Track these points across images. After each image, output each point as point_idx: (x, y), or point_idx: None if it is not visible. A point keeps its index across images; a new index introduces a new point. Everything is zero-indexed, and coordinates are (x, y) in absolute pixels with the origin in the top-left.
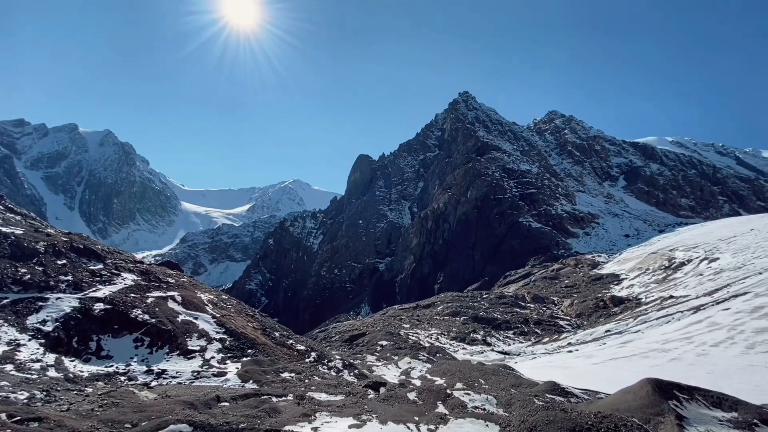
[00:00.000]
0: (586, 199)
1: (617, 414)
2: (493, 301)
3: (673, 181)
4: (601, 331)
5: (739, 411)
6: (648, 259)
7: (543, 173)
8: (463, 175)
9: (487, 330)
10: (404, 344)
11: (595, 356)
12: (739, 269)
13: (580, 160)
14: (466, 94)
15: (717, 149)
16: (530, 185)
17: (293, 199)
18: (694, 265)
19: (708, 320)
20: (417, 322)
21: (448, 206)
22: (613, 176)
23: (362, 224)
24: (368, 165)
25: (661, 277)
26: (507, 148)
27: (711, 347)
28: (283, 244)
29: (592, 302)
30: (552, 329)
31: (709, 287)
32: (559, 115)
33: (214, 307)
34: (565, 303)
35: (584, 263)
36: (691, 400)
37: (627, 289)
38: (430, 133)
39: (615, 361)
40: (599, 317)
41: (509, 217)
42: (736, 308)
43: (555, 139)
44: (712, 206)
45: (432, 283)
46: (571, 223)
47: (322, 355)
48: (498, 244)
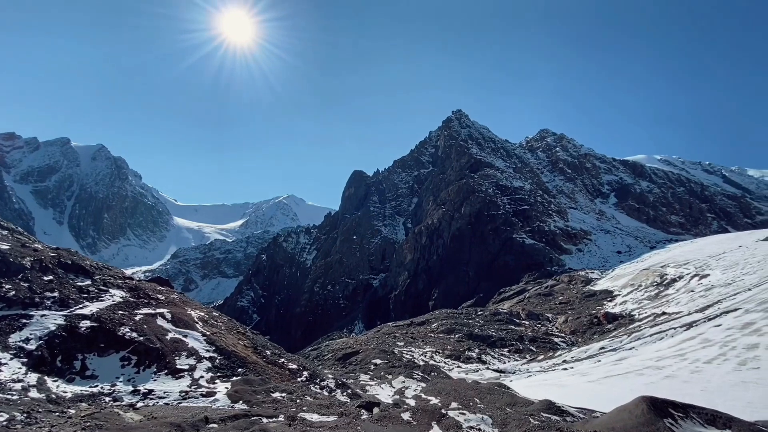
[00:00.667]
0: (579, 215)
1: None
2: (487, 318)
3: (662, 199)
4: (596, 348)
5: (733, 428)
6: (640, 276)
7: (536, 190)
8: (456, 192)
9: (482, 348)
10: (398, 363)
11: (590, 374)
12: (729, 285)
13: (571, 178)
14: (459, 112)
15: (704, 167)
16: (523, 202)
17: (287, 214)
18: (685, 281)
19: (700, 337)
20: (411, 339)
21: (442, 222)
22: (604, 193)
23: (356, 240)
24: (363, 181)
25: (653, 294)
26: (500, 165)
27: (704, 364)
28: (276, 259)
29: (586, 319)
30: (547, 346)
31: (700, 303)
32: (551, 133)
33: (205, 325)
34: (560, 320)
35: (578, 280)
36: (686, 418)
37: (620, 305)
38: (424, 150)
39: (610, 378)
40: (593, 334)
41: (503, 233)
42: (727, 324)
43: (547, 157)
44: (701, 223)
45: (426, 299)
46: (564, 239)
47: (315, 374)
48: (492, 261)
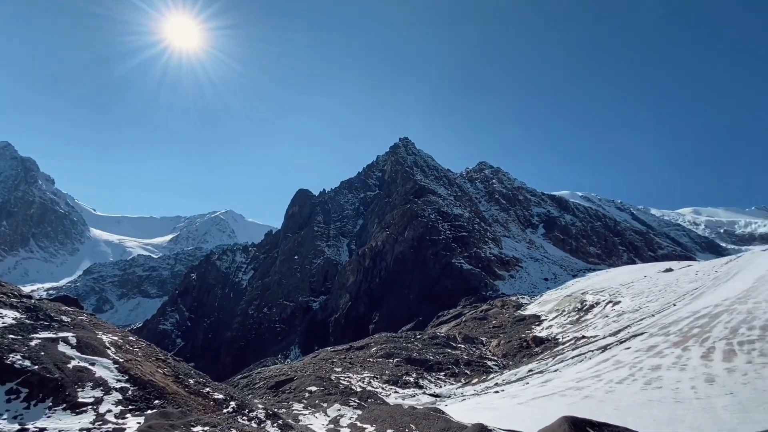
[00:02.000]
0: (511, 244)
1: None
2: (426, 342)
3: (583, 231)
4: (525, 371)
5: None
6: (564, 302)
7: (474, 218)
8: (401, 216)
9: (419, 372)
10: (335, 390)
11: (520, 396)
12: (637, 311)
13: (506, 208)
14: (406, 139)
15: (617, 205)
16: (462, 228)
17: (224, 230)
18: (601, 307)
19: (614, 359)
20: (350, 365)
21: (386, 245)
22: (533, 224)
23: (298, 260)
24: (308, 200)
25: (575, 319)
26: (442, 192)
27: (617, 384)
28: (208, 279)
29: (516, 342)
30: (481, 370)
31: (613, 328)
32: (489, 166)
33: (118, 351)
34: (493, 343)
35: (510, 304)
36: None
37: (547, 329)
38: (372, 173)
39: (537, 400)
40: (523, 357)
41: (443, 257)
42: (635, 347)
43: (484, 187)
44: (614, 254)
45: (367, 323)
46: (498, 266)
47: (243, 404)
48: (433, 284)
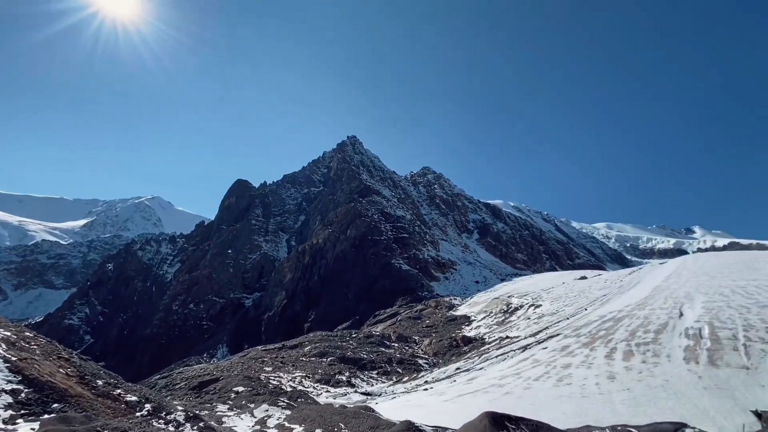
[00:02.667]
0: (448, 247)
1: None
2: (361, 341)
3: (512, 239)
4: (453, 369)
5: None
6: (492, 304)
7: (415, 221)
8: (344, 214)
9: (352, 371)
10: (264, 390)
11: (447, 393)
12: (554, 315)
13: (445, 213)
14: (353, 138)
15: (543, 216)
16: (403, 230)
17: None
18: (524, 310)
19: (532, 358)
20: (281, 364)
21: (327, 243)
22: (469, 229)
23: (231, 254)
24: (247, 191)
25: (501, 320)
26: (386, 193)
27: (533, 381)
28: (127, 270)
29: (447, 342)
30: (412, 368)
31: (534, 329)
32: (432, 172)
33: (10, 348)
34: (425, 342)
35: (443, 305)
36: (517, 429)
37: (475, 329)
38: (317, 169)
39: (462, 397)
40: (452, 356)
41: (383, 258)
42: (551, 347)
43: (426, 192)
44: (538, 261)
45: (303, 321)
46: (435, 267)
47: (160, 406)
48: (372, 284)
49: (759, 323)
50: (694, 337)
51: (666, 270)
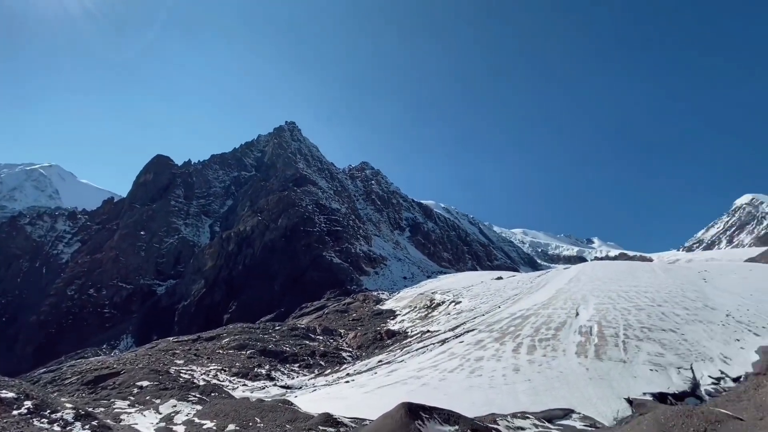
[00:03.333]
0: (380, 243)
1: None
2: (284, 333)
3: (440, 238)
4: (375, 361)
5: (459, 424)
6: (417, 299)
7: (350, 214)
8: (276, 202)
9: (273, 364)
10: (172, 384)
11: (367, 385)
12: (472, 311)
13: (380, 209)
14: (292, 124)
15: (469, 219)
16: (337, 223)
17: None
18: (446, 306)
19: (449, 351)
20: (195, 357)
21: (255, 231)
22: (401, 227)
23: (145, 237)
24: (167, 168)
25: (424, 315)
26: (323, 185)
27: (449, 373)
28: (11, 247)
29: (371, 335)
30: (335, 361)
31: (453, 324)
32: (370, 167)
33: None
34: (350, 335)
35: (371, 299)
36: (430, 418)
37: (399, 323)
38: (250, 152)
39: (382, 388)
40: (375, 349)
41: (315, 250)
42: (467, 341)
43: (363, 187)
44: (461, 261)
45: (222, 312)
46: (366, 262)
47: (43, 403)
48: (300, 275)
49: (636, 323)
50: (585, 334)
51: (568, 275)
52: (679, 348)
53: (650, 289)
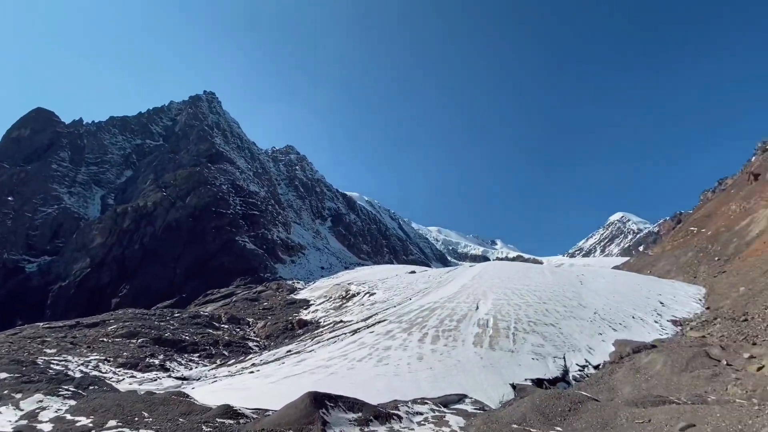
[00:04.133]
0: (300, 231)
1: (278, 429)
2: (185, 321)
3: (361, 231)
4: (284, 351)
5: (363, 411)
6: (332, 290)
7: (269, 199)
8: (186, 178)
9: (169, 353)
10: (39, 376)
11: (273, 375)
12: (385, 302)
13: (302, 196)
14: (212, 95)
15: (390, 214)
16: (255, 207)
17: None
18: (360, 297)
19: (359, 341)
20: (71, 345)
21: (158, 207)
22: (323, 216)
23: (14, 203)
24: (51, 125)
25: (338, 305)
26: (241, 164)
27: (357, 362)
28: None
29: (282, 324)
30: (240, 351)
31: (366, 315)
32: (295, 152)
33: None
34: (259, 324)
35: (284, 288)
36: (335, 407)
37: (312, 313)
38: (158, 119)
39: (289, 378)
40: (285, 338)
41: (226, 233)
42: (377, 331)
43: (287, 171)
44: (380, 254)
45: (111, 296)
46: (283, 250)
47: None
48: (207, 260)
49: (524, 318)
50: (482, 326)
51: (473, 272)
52: (556, 340)
53: (539, 288)
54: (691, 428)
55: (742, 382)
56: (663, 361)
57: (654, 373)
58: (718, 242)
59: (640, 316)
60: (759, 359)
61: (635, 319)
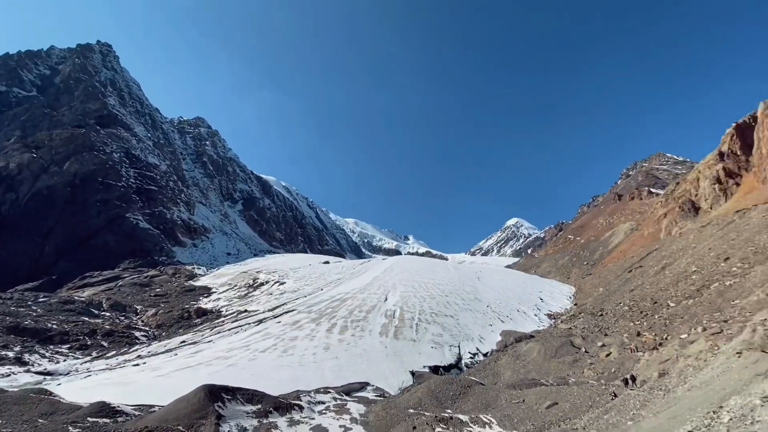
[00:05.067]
0: (205, 212)
1: (164, 425)
2: (53, 307)
3: (276, 217)
4: (177, 342)
5: (263, 403)
6: (238, 277)
7: (171, 174)
8: (66, 140)
9: (28, 345)
10: None
11: (163, 368)
12: (295, 292)
13: (211, 175)
14: (107, 46)
15: (308, 203)
16: (153, 181)
17: None
18: (269, 285)
19: (265, 331)
20: None
21: (25, 171)
22: (234, 199)
23: None
24: None
25: (243, 294)
26: (140, 132)
27: (260, 353)
28: None
29: (177, 313)
30: (123, 341)
31: (273, 304)
32: (207, 125)
33: None
34: (149, 313)
35: (182, 273)
36: (232, 399)
37: (214, 302)
38: (32, 65)
39: (181, 371)
40: (180, 328)
41: (115, 208)
42: (284, 321)
43: (195, 146)
44: (294, 243)
45: None
46: (183, 231)
47: None
48: (88, 237)
49: (428, 309)
50: (389, 317)
51: (385, 265)
52: (454, 330)
53: (443, 282)
54: (554, 406)
55: (595, 366)
56: (538, 349)
57: (530, 360)
58: (588, 249)
59: (523, 309)
60: (608, 347)
61: (520, 312)
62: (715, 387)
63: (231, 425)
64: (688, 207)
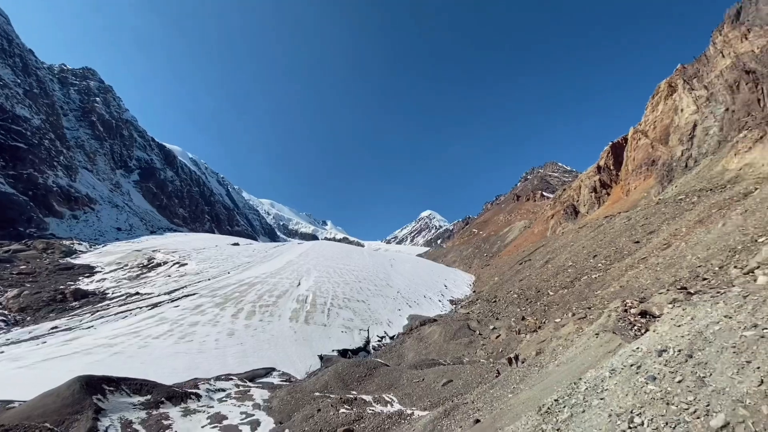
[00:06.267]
0: (91, 180)
1: (26, 423)
2: None
3: (179, 192)
4: (47, 328)
5: (153, 393)
6: (130, 256)
7: (47, 131)
8: None
9: None
10: None
11: (27, 357)
12: (198, 275)
13: (101, 137)
14: None
15: (218, 179)
16: (21, 138)
17: None
18: (168, 266)
19: (159, 315)
20: None
21: None
22: (129, 167)
23: None
24: None
25: (135, 275)
26: (6, 76)
27: (153, 339)
28: None
29: (48, 295)
30: None
31: (171, 287)
32: (98, 79)
33: None
34: (10, 294)
35: (57, 249)
36: (116, 391)
37: (98, 282)
38: None
39: (51, 361)
40: (51, 312)
41: None
42: (183, 306)
43: (81, 101)
44: (199, 221)
45: None
46: (61, 200)
47: None
48: None
49: (340, 294)
50: (301, 302)
51: (300, 249)
52: (364, 314)
53: (357, 268)
54: (449, 383)
55: (486, 346)
56: (439, 332)
57: (432, 342)
58: (488, 242)
59: (430, 295)
60: (498, 330)
61: (426, 298)
62: (577, 363)
63: (113, 419)
64: (571, 210)
